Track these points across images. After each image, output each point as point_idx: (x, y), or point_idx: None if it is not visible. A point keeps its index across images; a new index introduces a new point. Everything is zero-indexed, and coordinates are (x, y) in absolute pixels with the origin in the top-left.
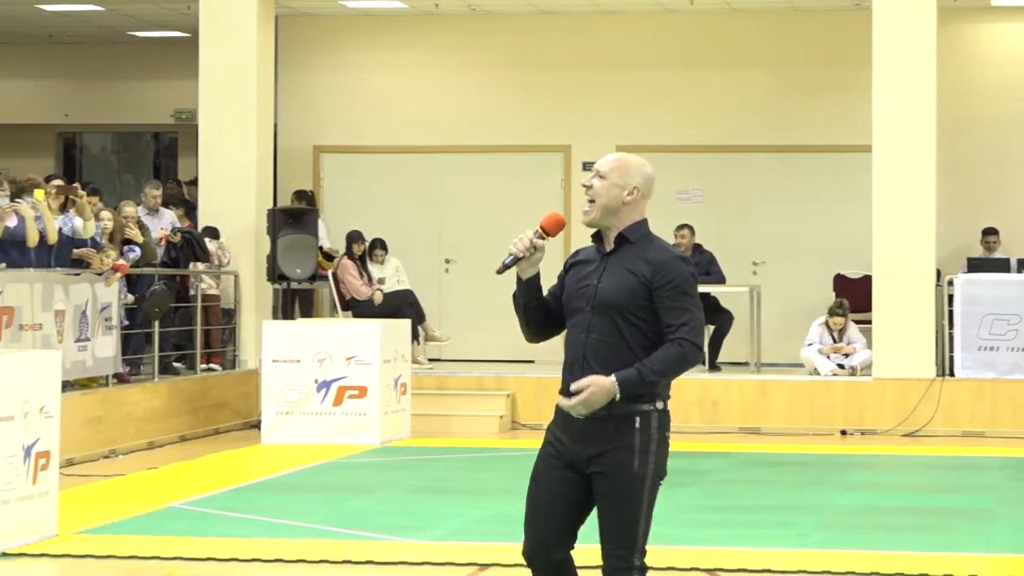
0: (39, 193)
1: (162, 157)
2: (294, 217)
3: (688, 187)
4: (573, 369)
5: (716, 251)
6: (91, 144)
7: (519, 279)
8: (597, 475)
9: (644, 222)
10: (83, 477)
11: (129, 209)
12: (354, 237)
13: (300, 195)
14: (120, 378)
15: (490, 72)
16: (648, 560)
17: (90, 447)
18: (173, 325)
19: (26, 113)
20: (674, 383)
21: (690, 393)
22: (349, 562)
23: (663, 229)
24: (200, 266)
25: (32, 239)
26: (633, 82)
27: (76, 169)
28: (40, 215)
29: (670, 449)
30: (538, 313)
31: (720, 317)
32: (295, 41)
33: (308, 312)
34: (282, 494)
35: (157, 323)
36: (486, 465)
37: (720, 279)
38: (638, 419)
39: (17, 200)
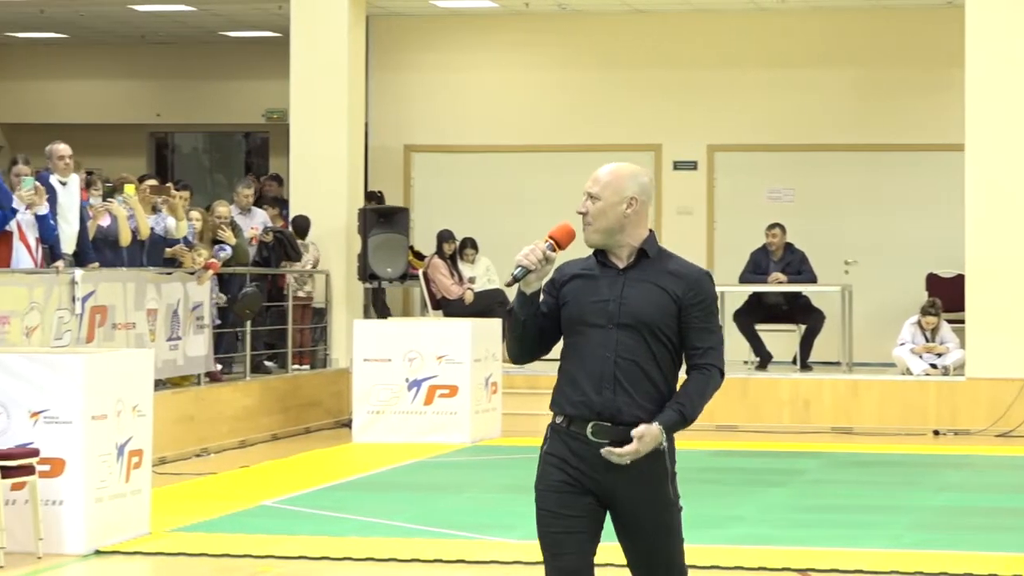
0: (130, 188)
1: (253, 157)
2: (385, 216)
3: (779, 186)
4: (602, 390)
5: (807, 250)
6: (183, 144)
7: (521, 293)
8: (628, 507)
9: (653, 235)
10: (175, 475)
11: (222, 209)
12: (445, 236)
13: (370, 196)
14: (212, 377)
15: (580, 71)
16: (740, 559)
17: (182, 445)
18: (265, 324)
19: (119, 113)
20: (765, 382)
21: (782, 393)
22: (440, 561)
23: (755, 228)
24: (296, 265)
25: (124, 238)
26: (724, 80)
27: (168, 169)
28: (131, 211)
29: (760, 449)
30: (534, 331)
31: (811, 316)
32: (386, 41)
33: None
34: (373, 493)
35: (249, 322)
36: None
37: (811, 278)
38: (663, 445)
39: (109, 199)
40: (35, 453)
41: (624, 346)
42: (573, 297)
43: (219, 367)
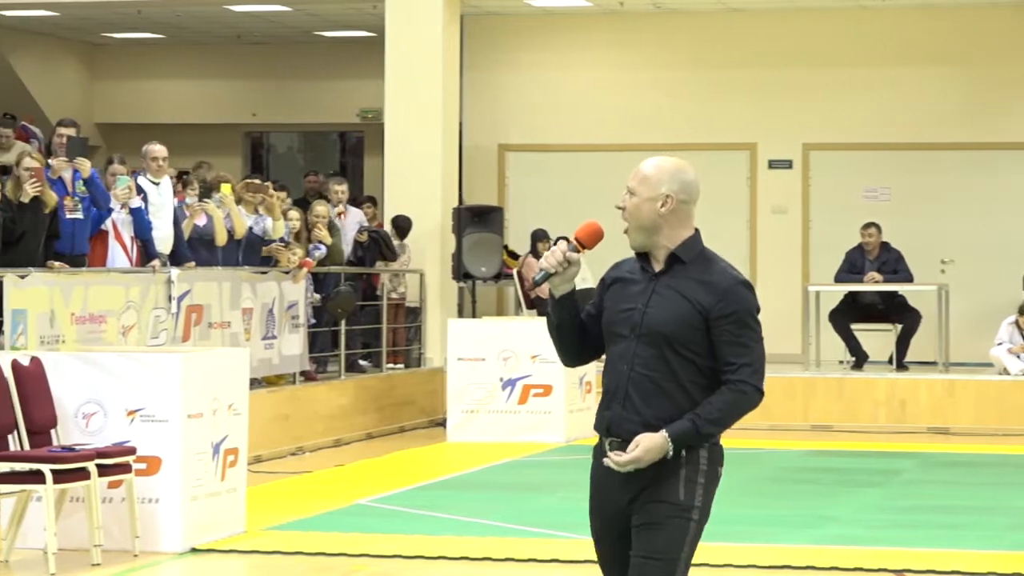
0: (226, 187)
1: (348, 156)
2: (479, 216)
3: (875, 185)
4: (612, 404)
5: (904, 249)
6: (278, 144)
7: (551, 296)
8: (639, 509)
9: (696, 237)
10: (271, 474)
11: (320, 209)
12: (539, 235)
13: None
14: (307, 376)
15: (675, 70)
16: (836, 560)
17: (277, 444)
18: (359, 323)
19: (214, 113)
20: (861, 382)
21: (877, 393)
22: (534, 560)
23: (851, 227)
24: (391, 265)
25: (220, 238)
26: (820, 79)
27: (263, 168)
28: (227, 211)
29: (856, 449)
30: (573, 335)
31: (908, 316)
32: (480, 40)
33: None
34: (467, 492)
35: (343, 321)
36: None
37: (908, 277)
38: (683, 451)
39: (205, 199)
40: (132, 451)
41: (640, 359)
42: (610, 302)
43: (314, 366)
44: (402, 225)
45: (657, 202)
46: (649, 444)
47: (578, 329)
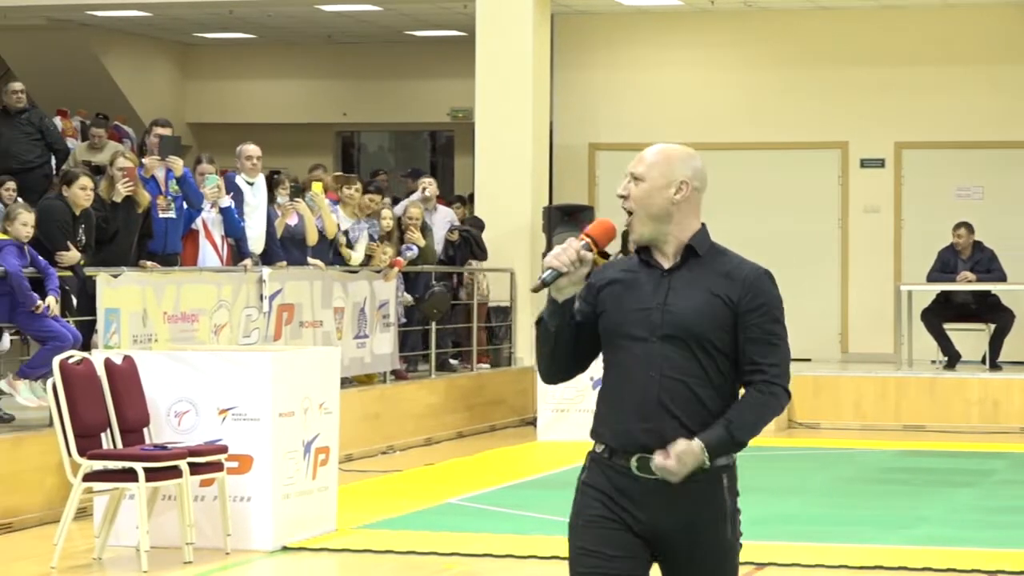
0: (317, 186)
1: (438, 155)
2: (569, 214)
3: (968, 184)
4: (647, 416)
5: (997, 248)
6: (369, 143)
7: (552, 300)
8: (678, 553)
9: (705, 229)
10: (361, 473)
11: (414, 210)
12: (630, 234)
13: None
14: (398, 375)
15: (766, 68)
16: (928, 560)
17: (368, 443)
18: (449, 323)
19: (306, 113)
20: (953, 381)
21: (970, 393)
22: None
23: (943, 226)
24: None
25: (311, 237)
26: (912, 77)
27: (354, 167)
28: (319, 211)
29: (948, 449)
30: (570, 346)
31: (1001, 315)
32: (570, 39)
33: None
34: (558, 491)
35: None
36: (762, 464)
37: (1001, 277)
38: (725, 477)
39: (297, 199)
40: (223, 450)
41: (670, 362)
42: (612, 304)
43: (404, 365)
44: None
45: (670, 189)
46: (685, 452)
47: (574, 339)
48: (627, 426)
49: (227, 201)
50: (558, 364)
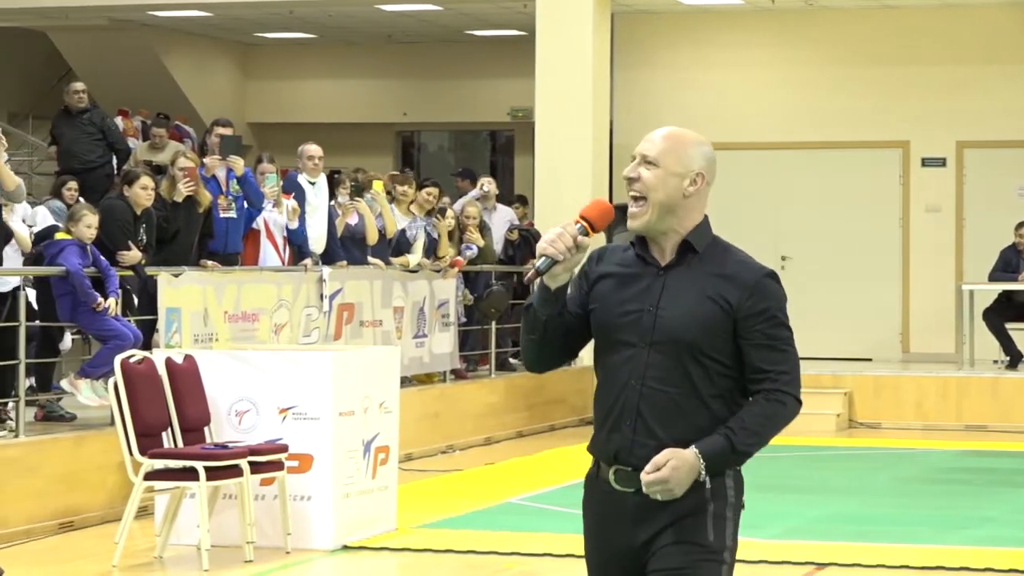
0: (378, 185)
1: (498, 155)
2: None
3: None
4: (620, 426)
5: None
6: (429, 142)
7: (543, 287)
8: (656, 558)
9: (707, 223)
10: (421, 472)
11: (471, 209)
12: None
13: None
14: (457, 374)
15: (827, 67)
16: (991, 561)
17: (428, 442)
18: (510, 321)
19: (366, 112)
20: (1015, 381)
21: None
22: None
23: (1006, 226)
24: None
25: (372, 237)
26: (974, 76)
27: (414, 167)
28: (379, 210)
29: (1010, 449)
30: (559, 336)
31: None
32: (631, 38)
33: None
34: None
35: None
36: (823, 464)
37: None
38: (709, 481)
39: (357, 198)
40: (284, 449)
41: (654, 371)
42: (602, 302)
43: (464, 364)
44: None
45: (685, 179)
46: (679, 463)
47: (565, 329)
48: (607, 435)
49: (294, 224)
50: (545, 352)
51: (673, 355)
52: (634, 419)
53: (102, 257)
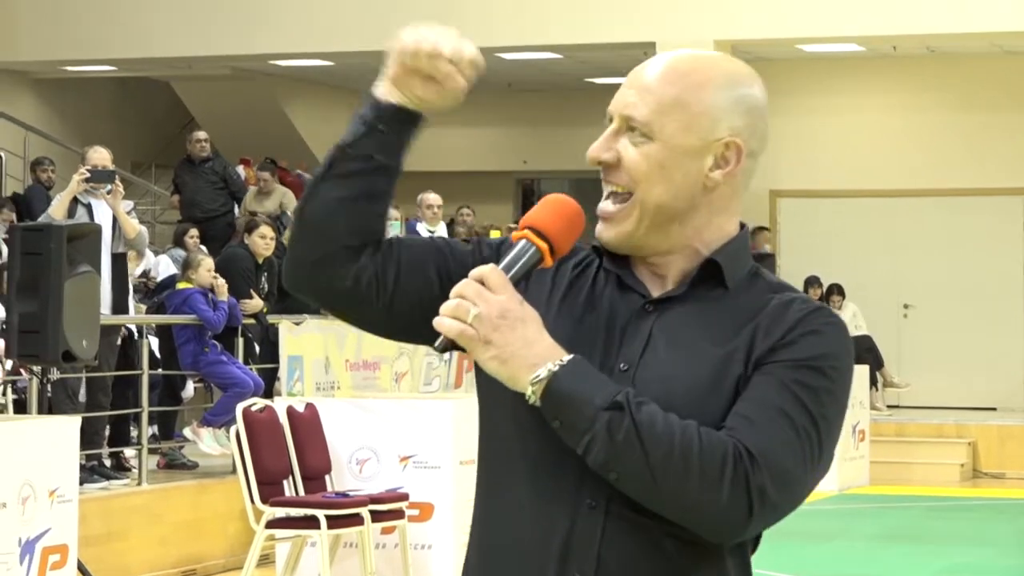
0: (495, 234)
1: None
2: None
3: None
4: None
5: None
6: (549, 190)
7: (375, 100)
8: None
9: (746, 236)
10: None
11: None
12: (811, 282)
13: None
14: None
15: (949, 114)
16: None
17: None
18: None
19: (486, 160)
20: None
21: None
22: None
23: None
24: None
25: None
26: None
27: None
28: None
29: None
30: (378, 210)
31: None
32: None
33: None
34: None
35: None
36: (947, 514)
37: None
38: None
39: None
40: (404, 497)
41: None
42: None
43: None
44: None
45: (706, 157)
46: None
47: (379, 231)
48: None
49: None
50: (316, 240)
51: None
52: (582, 566)
53: (223, 304)
